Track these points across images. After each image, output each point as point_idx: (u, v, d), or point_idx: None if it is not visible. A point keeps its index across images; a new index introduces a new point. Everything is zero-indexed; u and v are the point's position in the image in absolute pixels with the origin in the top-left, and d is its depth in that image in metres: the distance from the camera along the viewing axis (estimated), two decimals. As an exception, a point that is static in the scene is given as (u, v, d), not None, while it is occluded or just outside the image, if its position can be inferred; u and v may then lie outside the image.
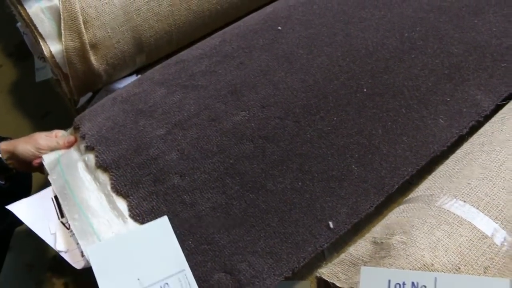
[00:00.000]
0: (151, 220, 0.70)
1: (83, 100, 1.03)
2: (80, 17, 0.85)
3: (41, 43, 0.86)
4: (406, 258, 0.55)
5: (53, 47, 0.86)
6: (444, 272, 0.52)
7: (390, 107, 0.81)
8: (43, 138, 0.84)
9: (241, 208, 0.72)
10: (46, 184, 0.80)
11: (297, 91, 0.83)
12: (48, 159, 0.82)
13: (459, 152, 0.72)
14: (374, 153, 0.77)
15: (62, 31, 0.85)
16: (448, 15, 0.93)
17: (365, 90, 0.82)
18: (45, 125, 0.86)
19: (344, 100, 0.81)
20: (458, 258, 0.53)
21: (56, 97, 1.26)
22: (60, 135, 0.86)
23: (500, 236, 0.55)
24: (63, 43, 0.85)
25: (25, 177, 0.99)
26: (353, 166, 0.75)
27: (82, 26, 0.85)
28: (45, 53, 0.86)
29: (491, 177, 0.61)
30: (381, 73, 0.85)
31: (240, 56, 0.89)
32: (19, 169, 0.84)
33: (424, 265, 0.53)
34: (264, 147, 0.77)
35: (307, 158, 0.76)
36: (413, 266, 0.54)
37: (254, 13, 1.00)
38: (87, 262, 0.68)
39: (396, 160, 0.76)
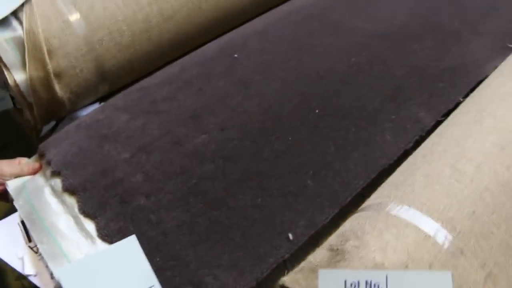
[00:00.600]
0: (119, 239, 0.71)
1: (46, 129, 1.05)
2: (44, 47, 0.88)
3: (5, 73, 0.88)
4: (359, 260, 0.60)
5: (17, 76, 0.88)
6: (394, 270, 0.57)
7: (340, 127, 0.87)
8: (6, 165, 0.84)
9: (204, 225, 0.76)
10: (9, 212, 0.80)
11: (253, 114, 0.88)
12: (12, 185, 0.83)
13: (404, 164, 0.78)
14: (328, 169, 0.82)
15: (27, 61, 0.87)
16: (391, 41, 1.01)
17: (317, 111, 0.88)
18: (3, 157, 0.87)
19: (298, 121, 0.87)
20: (406, 256, 0.59)
21: (16, 129, 1.25)
22: (24, 162, 0.86)
23: (441, 235, 0.61)
24: (28, 72, 0.88)
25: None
26: (308, 182, 0.80)
27: (46, 55, 0.88)
28: (9, 82, 0.88)
29: (431, 184, 0.67)
30: (331, 96, 0.91)
31: (199, 82, 0.94)
32: None
33: (376, 265, 0.58)
34: (225, 166, 0.81)
35: (266, 176, 0.81)
36: (366, 266, 0.59)
37: (211, 42, 1.05)
38: (57, 283, 0.69)
39: (348, 175, 0.82)
